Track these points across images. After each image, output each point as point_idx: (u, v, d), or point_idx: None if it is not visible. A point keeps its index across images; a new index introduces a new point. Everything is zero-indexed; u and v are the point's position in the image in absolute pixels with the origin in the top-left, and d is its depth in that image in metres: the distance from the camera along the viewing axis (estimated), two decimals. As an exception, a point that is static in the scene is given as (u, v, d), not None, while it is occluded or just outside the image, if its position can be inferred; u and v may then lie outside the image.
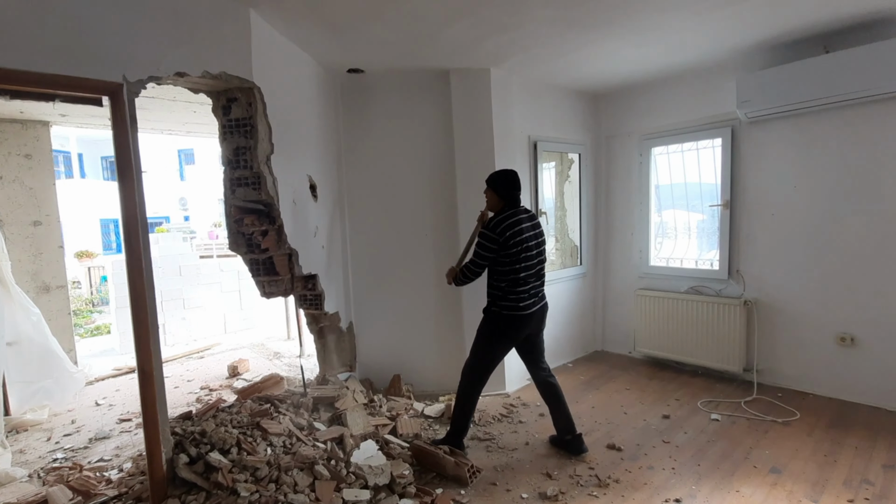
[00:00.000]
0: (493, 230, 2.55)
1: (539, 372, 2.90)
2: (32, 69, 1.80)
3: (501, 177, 2.67)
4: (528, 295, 2.64)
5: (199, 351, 5.42)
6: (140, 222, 2.09)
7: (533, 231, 2.66)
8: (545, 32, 2.93)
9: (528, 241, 2.60)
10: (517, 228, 2.56)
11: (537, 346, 2.88)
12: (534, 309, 2.68)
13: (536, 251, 2.67)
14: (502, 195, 2.65)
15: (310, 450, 2.41)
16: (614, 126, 4.54)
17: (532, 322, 2.70)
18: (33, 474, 2.78)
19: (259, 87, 2.45)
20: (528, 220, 2.66)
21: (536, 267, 2.68)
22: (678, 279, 4.17)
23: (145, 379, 2.11)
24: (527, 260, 2.60)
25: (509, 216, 2.58)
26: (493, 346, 2.70)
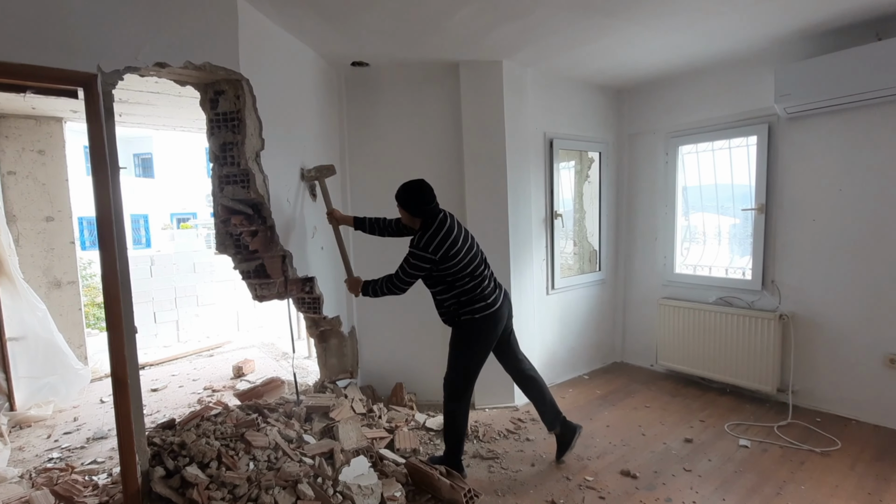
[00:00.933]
0: (427, 249, 2.36)
1: (517, 366, 2.77)
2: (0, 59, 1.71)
3: (410, 192, 2.43)
4: (491, 289, 2.52)
5: (210, 349, 5.39)
6: (115, 220, 1.98)
7: (462, 229, 2.50)
8: (558, 19, 2.70)
9: (464, 243, 2.44)
10: (450, 240, 2.39)
11: (511, 342, 2.74)
12: (501, 298, 2.56)
13: (475, 244, 2.54)
14: (416, 212, 2.44)
15: (295, 466, 2.26)
16: (638, 123, 4.25)
17: (505, 314, 2.58)
18: (25, 474, 2.73)
19: (247, 80, 2.32)
20: (453, 221, 2.48)
21: (483, 258, 2.56)
22: (706, 289, 3.85)
23: (119, 386, 2.00)
24: (473, 259, 2.46)
25: (437, 230, 2.38)
26: (475, 354, 2.53)
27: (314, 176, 2.76)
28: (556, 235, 3.92)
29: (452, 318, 2.53)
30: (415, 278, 2.43)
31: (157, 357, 5.08)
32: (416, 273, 2.40)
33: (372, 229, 2.78)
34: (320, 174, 2.77)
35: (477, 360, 2.55)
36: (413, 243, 2.39)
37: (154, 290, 5.71)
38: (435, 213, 2.43)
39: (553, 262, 3.91)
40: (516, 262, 3.54)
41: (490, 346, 2.57)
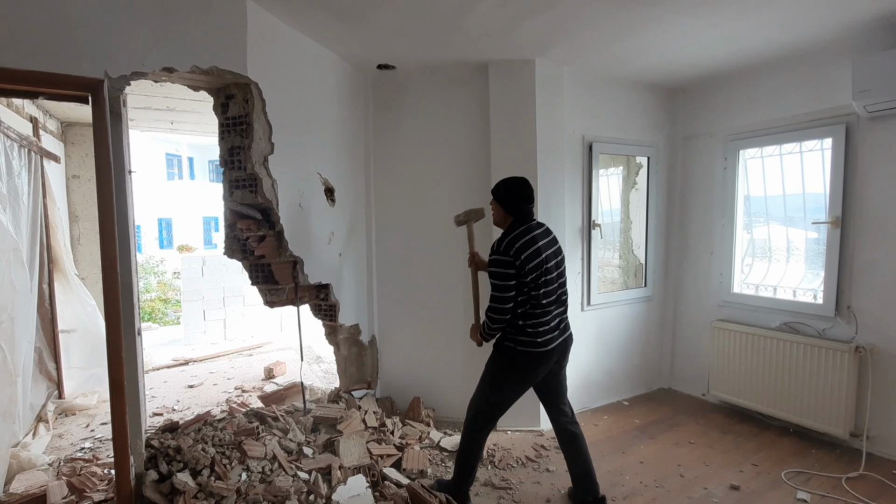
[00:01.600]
0: (506, 252, 2.10)
1: (558, 416, 2.43)
2: (12, 66, 1.77)
3: (510, 186, 2.22)
4: (550, 327, 2.19)
5: (251, 348, 5.55)
6: (119, 223, 2.00)
7: (551, 248, 2.21)
8: (591, 11, 2.45)
9: (546, 261, 2.15)
10: (534, 248, 2.12)
11: (558, 386, 2.42)
12: (555, 344, 2.22)
13: (557, 272, 2.22)
14: (511, 209, 2.22)
15: (287, 481, 2.18)
16: (693, 125, 3.84)
17: (552, 359, 2.25)
18: (55, 462, 2.87)
19: (256, 83, 2.29)
20: (544, 234, 2.22)
21: (557, 291, 2.23)
22: (768, 312, 3.38)
23: (115, 388, 2.01)
24: (546, 284, 2.15)
25: (522, 233, 2.15)
26: (505, 387, 2.26)
27: (463, 220, 2.53)
28: (594, 247, 3.61)
29: (499, 340, 2.26)
30: (508, 292, 2.09)
31: (202, 354, 5.29)
32: (505, 284, 2.08)
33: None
34: (469, 218, 2.52)
35: (505, 394, 2.27)
36: (493, 249, 2.14)
37: (204, 290, 5.99)
38: (527, 217, 2.20)
39: (590, 276, 3.61)
40: (546, 274, 3.29)
41: (527, 384, 2.29)
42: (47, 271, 3.62)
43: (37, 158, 3.49)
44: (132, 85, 3.23)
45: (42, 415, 3.45)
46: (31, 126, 3.52)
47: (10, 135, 2.97)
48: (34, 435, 3.17)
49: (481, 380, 2.33)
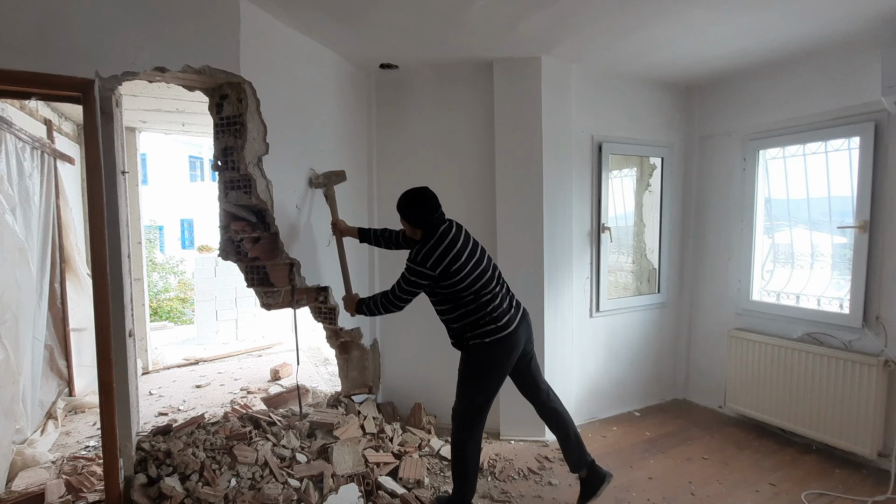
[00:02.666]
0: (424, 264, 2.13)
1: (540, 395, 2.43)
2: (3, 66, 1.77)
3: (409, 203, 2.22)
4: (504, 308, 2.22)
5: (260, 349, 5.57)
6: (109, 224, 1.99)
7: (470, 243, 2.23)
8: (593, 5, 2.35)
9: (471, 256, 2.18)
10: (453, 253, 2.14)
11: (532, 369, 2.42)
12: (517, 320, 2.25)
13: (486, 258, 2.27)
14: (418, 223, 2.21)
15: (276, 488, 2.13)
16: (711, 124, 3.67)
17: (521, 339, 2.27)
18: (59, 460, 2.90)
19: (250, 83, 2.26)
20: (457, 234, 2.22)
21: (496, 273, 2.28)
22: (790, 321, 3.19)
23: (104, 390, 2.00)
24: (483, 274, 2.20)
25: (437, 242, 2.15)
26: (485, 383, 2.25)
27: (322, 182, 2.65)
28: (604, 251, 3.48)
29: (461, 342, 2.29)
30: (412, 295, 2.22)
31: (212, 354, 5.34)
32: (412, 290, 2.20)
33: (377, 241, 2.61)
34: (329, 180, 2.65)
35: (487, 389, 2.27)
36: (410, 256, 2.18)
37: (217, 290, 6.05)
38: (436, 225, 2.20)
39: (599, 281, 3.48)
40: (552, 279, 3.18)
41: (503, 373, 2.28)
42: (59, 271, 3.68)
43: (50, 160, 3.55)
44: (147, 87, 3.29)
45: (52, 412, 3.50)
46: (45, 128, 3.58)
47: (22, 137, 3.02)
48: (42, 432, 3.21)
49: (459, 385, 2.32)
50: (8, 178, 2.77)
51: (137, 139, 4.70)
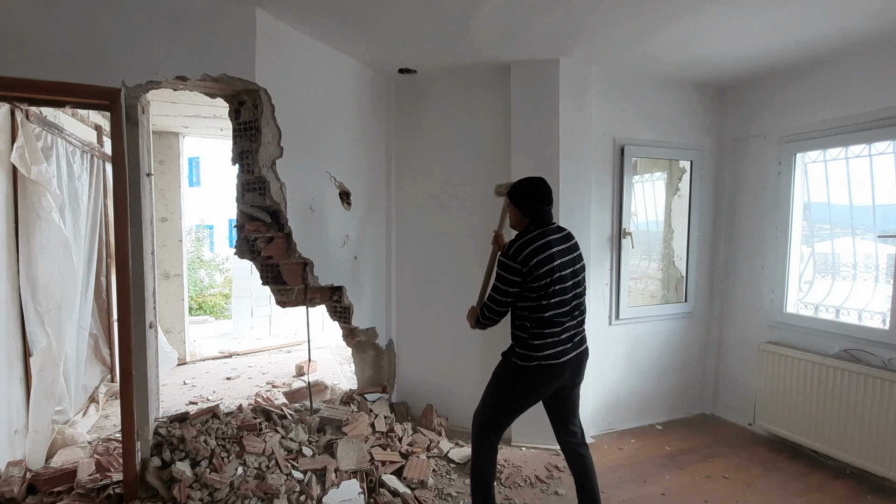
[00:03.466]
0: (514, 257, 1.98)
1: (566, 437, 2.25)
2: (41, 78, 1.95)
3: (527, 187, 2.09)
4: (561, 339, 2.03)
5: (290, 345, 5.77)
6: (132, 223, 2.13)
7: (568, 255, 2.06)
8: (604, 6, 2.30)
9: (561, 268, 2.00)
10: (546, 253, 1.98)
11: (569, 404, 2.23)
12: (567, 357, 2.05)
13: (573, 281, 2.05)
14: (527, 210, 2.08)
15: (280, 479, 2.21)
16: (744, 125, 3.49)
17: (564, 374, 2.08)
18: (94, 441, 3.13)
19: (265, 89, 2.37)
20: (561, 240, 2.06)
21: (573, 302, 2.06)
22: (827, 336, 2.98)
23: (125, 377, 2.14)
24: (560, 294, 2.00)
25: (535, 237, 2.01)
26: (510, 400, 2.11)
27: (503, 192, 2.41)
28: (624, 257, 3.38)
29: (507, 350, 2.14)
30: (506, 297, 2.02)
31: (245, 348, 5.58)
32: (506, 289, 2.01)
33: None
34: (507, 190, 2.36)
35: (509, 408, 2.14)
36: (503, 250, 2.05)
37: (253, 287, 6.31)
38: (543, 220, 2.06)
39: (619, 288, 3.38)
40: (567, 284, 3.11)
41: (535, 398, 2.12)
42: (105, 265, 3.98)
43: (99, 163, 3.84)
44: (185, 95, 3.50)
45: (94, 396, 3.78)
46: (95, 133, 3.88)
47: (73, 141, 3.29)
48: (84, 414, 3.48)
49: (487, 390, 2.19)
50: (58, 180, 3.02)
51: (181, 143, 5.00)
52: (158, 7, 2.12)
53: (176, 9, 2.14)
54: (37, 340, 2.75)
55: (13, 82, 1.89)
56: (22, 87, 1.92)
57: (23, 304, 2.71)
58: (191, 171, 12.15)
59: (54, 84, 1.96)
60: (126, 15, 2.06)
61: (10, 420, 2.60)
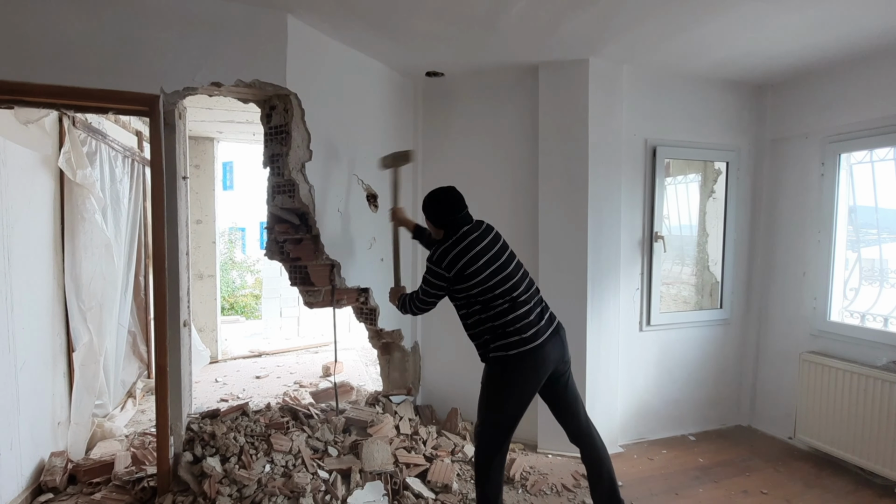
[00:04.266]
0: (438, 263, 2.06)
1: (574, 423, 2.18)
2: (87, 86, 2.04)
3: (432, 202, 2.18)
4: (531, 320, 2.03)
5: (317, 346, 5.86)
6: (168, 224, 2.20)
7: (496, 246, 2.11)
8: (636, 4, 2.24)
9: (494, 259, 2.05)
10: (471, 253, 2.04)
11: (567, 388, 2.18)
12: (547, 334, 2.04)
13: (515, 264, 2.11)
14: (440, 222, 2.16)
15: (306, 478, 2.24)
16: (783, 125, 3.35)
17: (550, 355, 2.05)
18: (131, 435, 3.24)
19: (295, 94, 2.41)
20: (482, 236, 2.11)
21: (524, 281, 2.10)
22: (874, 346, 2.82)
23: (160, 373, 2.21)
24: (507, 279, 2.04)
25: (455, 242, 2.07)
26: (507, 400, 2.05)
27: (389, 164, 2.61)
28: (656, 261, 3.29)
29: (484, 354, 2.13)
30: (433, 297, 2.15)
31: (274, 348, 5.70)
32: (432, 291, 2.13)
33: (429, 242, 2.51)
34: (396, 162, 2.61)
35: (510, 409, 2.06)
36: (429, 256, 2.13)
37: (282, 288, 6.45)
38: (458, 225, 2.11)
39: (650, 293, 3.29)
40: (596, 289, 3.05)
41: (528, 393, 2.06)
42: (143, 265, 4.13)
43: (139, 167, 4.00)
44: (220, 101, 3.61)
45: (132, 391, 3.92)
46: (136, 139, 4.04)
47: (115, 146, 3.44)
48: (122, 408, 3.61)
49: (480, 403, 2.14)
50: (101, 183, 3.16)
51: (216, 148, 5.16)
52: (195, 16, 2.19)
53: (211, 17, 2.21)
54: (79, 336, 2.88)
55: (61, 90, 1.99)
56: (69, 94, 2.02)
57: (67, 302, 2.85)
58: (225, 174, 12.52)
59: (98, 91, 2.05)
60: (165, 24, 2.14)
61: (53, 412, 2.72)
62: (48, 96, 2.01)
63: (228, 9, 2.24)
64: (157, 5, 2.13)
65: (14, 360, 2.30)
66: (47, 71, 1.99)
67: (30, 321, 2.45)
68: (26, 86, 1.96)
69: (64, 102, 2.08)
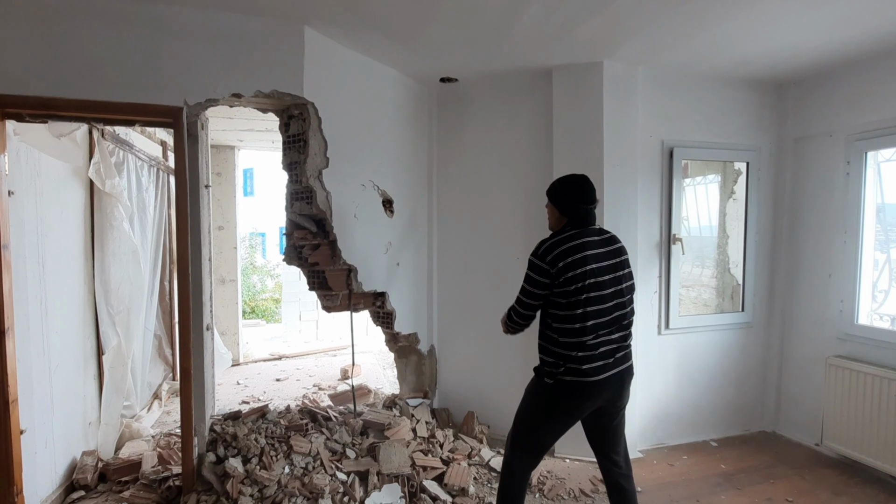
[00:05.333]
0: (543, 256, 1.84)
1: (608, 465, 2.04)
2: (115, 100, 2.13)
3: (565, 184, 1.96)
4: (597, 354, 1.84)
5: (336, 349, 5.94)
6: (192, 231, 2.28)
7: (608, 260, 1.88)
8: (652, 5, 2.23)
9: (597, 273, 1.82)
10: (580, 255, 1.81)
11: (611, 431, 2.02)
12: (606, 375, 1.85)
13: (613, 289, 1.87)
14: (566, 209, 1.93)
15: (325, 479, 2.28)
16: (807, 123, 3.28)
17: (603, 393, 1.88)
18: (157, 435, 3.34)
19: (312, 103, 2.47)
20: (601, 243, 1.90)
21: (613, 313, 1.87)
22: (905, 351, 2.73)
23: (185, 376, 2.28)
24: (595, 302, 1.82)
25: (570, 237, 1.85)
26: (546, 421, 1.94)
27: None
28: (674, 264, 3.24)
29: (539, 366, 1.98)
30: (534, 299, 1.90)
31: (294, 351, 5.79)
32: (533, 291, 1.88)
33: None
34: None
35: (551, 428, 1.95)
36: (534, 249, 1.91)
37: (301, 292, 6.54)
38: (582, 220, 1.91)
39: (669, 296, 3.24)
40: (613, 292, 3.02)
41: (571, 419, 1.94)
42: (167, 271, 4.26)
43: (164, 176, 4.14)
44: (240, 111, 3.71)
45: (158, 393, 4.04)
46: (160, 149, 4.18)
47: (141, 157, 3.56)
48: (148, 410, 3.73)
49: (519, 410, 2.03)
50: (128, 192, 3.28)
51: (236, 156, 5.29)
52: (217, 31, 2.27)
53: (232, 31, 2.28)
54: (108, 340, 2.99)
55: (92, 104, 2.08)
56: (99, 108, 2.11)
57: (97, 307, 2.96)
58: (245, 181, 12.81)
59: (126, 105, 2.13)
60: (188, 39, 2.23)
61: (85, 413, 2.83)
62: (79, 110, 2.11)
63: (249, 23, 2.31)
64: (181, 21, 2.22)
65: (48, 363, 2.41)
66: (78, 86, 2.09)
67: (62, 325, 2.56)
68: (59, 101, 2.06)
69: (94, 116, 2.17)
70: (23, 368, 2.16)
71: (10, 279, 2.07)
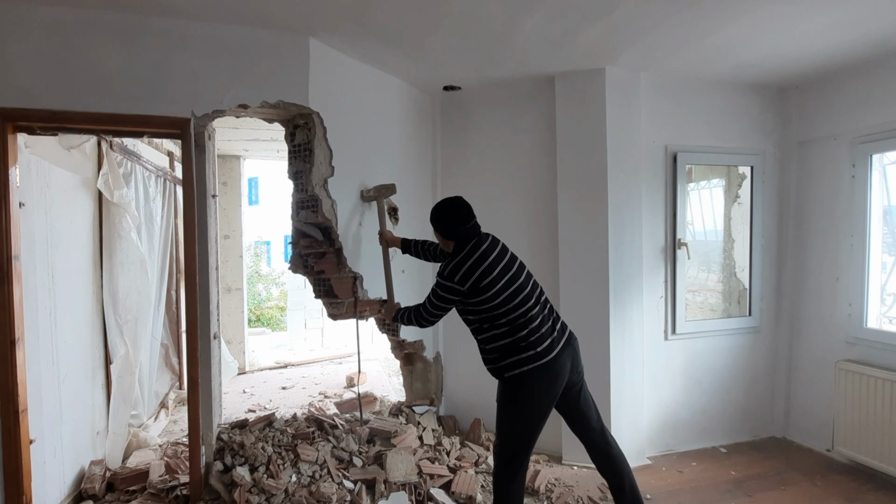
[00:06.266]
0: (450, 278, 2.03)
1: (591, 434, 2.18)
2: (123, 112, 2.17)
3: (439, 213, 2.17)
4: (546, 331, 2.03)
5: (341, 357, 5.94)
6: (199, 240, 2.30)
7: (505, 258, 2.10)
8: (652, 13, 2.25)
9: (506, 270, 2.05)
10: (484, 266, 2.02)
11: (581, 397, 2.17)
12: (560, 344, 2.05)
13: (525, 274, 2.10)
14: (449, 234, 2.14)
15: (331, 488, 2.27)
16: (811, 127, 3.28)
17: (565, 366, 2.05)
18: (164, 444, 3.35)
19: (318, 113, 2.49)
20: (492, 247, 2.10)
21: (535, 293, 2.09)
22: (916, 354, 2.70)
23: (192, 385, 2.29)
24: (519, 291, 2.03)
25: (467, 255, 2.05)
26: (523, 415, 2.03)
27: (373, 196, 2.75)
28: (680, 269, 3.24)
29: (497, 370, 2.09)
30: (442, 310, 2.16)
31: (299, 359, 5.80)
32: (442, 305, 2.12)
33: (417, 253, 2.60)
34: (379, 194, 2.74)
35: (531, 420, 2.04)
36: (439, 270, 2.10)
37: (306, 300, 6.56)
38: (468, 237, 2.09)
39: (675, 301, 3.23)
40: (619, 298, 3.02)
41: (546, 406, 2.05)
42: (174, 280, 4.29)
43: (171, 186, 4.18)
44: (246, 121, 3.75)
45: (164, 402, 4.05)
46: (167, 159, 4.22)
47: (148, 167, 3.60)
48: (155, 419, 3.73)
49: (497, 420, 2.11)
50: (136, 202, 3.32)
51: (242, 165, 5.33)
52: (223, 43, 2.30)
53: (238, 43, 2.32)
54: (116, 349, 3.01)
55: (101, 117, 2.12)
56: (108, 120, 2.14)
57: (105, 316, 2.98)
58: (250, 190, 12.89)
59: (134, 117, 2.17)
60: (195, 52, 2.26)
61: (93, 422, 2.84)
62: (89, 123, 2.14)
63: (254, 35, 2.34)
64: (188, 34, 2.26)
65: (57, 373, 2.43)
66: (88, 99, 2.12)
67: (71, 335, 2.58)
68: (69, 114, 2.10)
69: (103, 128, 2.21)
70: (32, 378, 2.18)
71: (20, 290, 2.09)
